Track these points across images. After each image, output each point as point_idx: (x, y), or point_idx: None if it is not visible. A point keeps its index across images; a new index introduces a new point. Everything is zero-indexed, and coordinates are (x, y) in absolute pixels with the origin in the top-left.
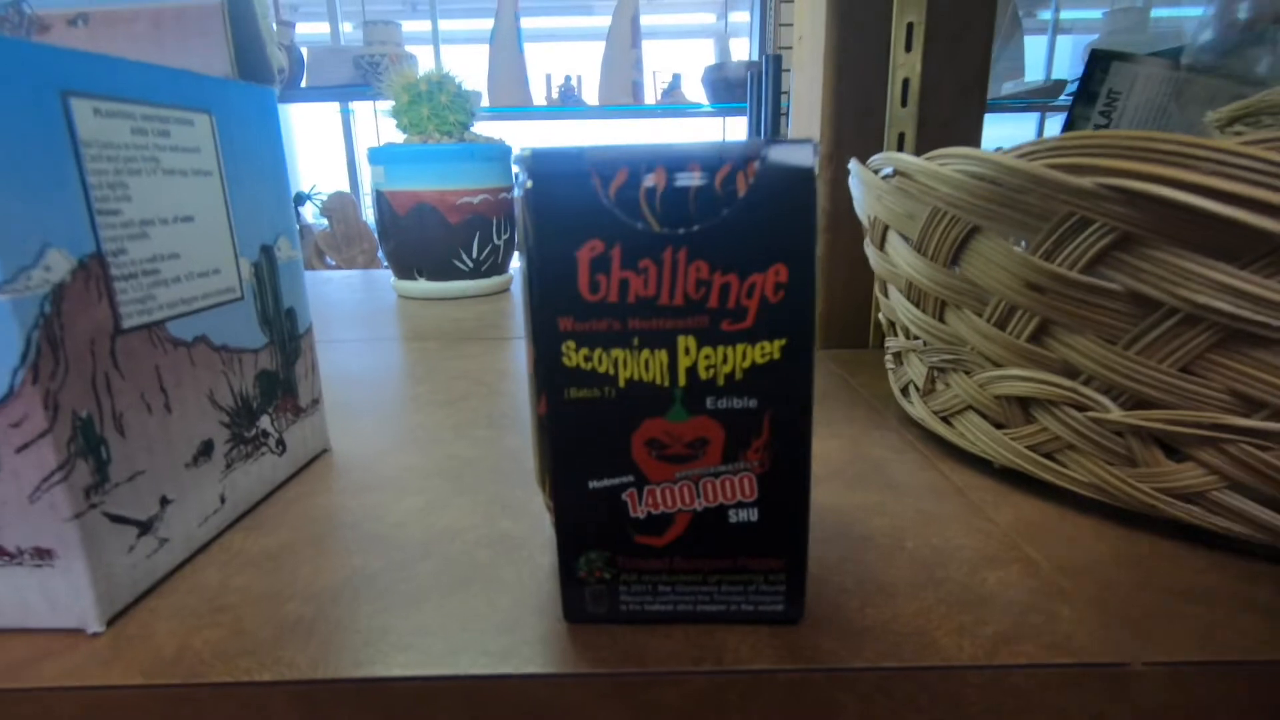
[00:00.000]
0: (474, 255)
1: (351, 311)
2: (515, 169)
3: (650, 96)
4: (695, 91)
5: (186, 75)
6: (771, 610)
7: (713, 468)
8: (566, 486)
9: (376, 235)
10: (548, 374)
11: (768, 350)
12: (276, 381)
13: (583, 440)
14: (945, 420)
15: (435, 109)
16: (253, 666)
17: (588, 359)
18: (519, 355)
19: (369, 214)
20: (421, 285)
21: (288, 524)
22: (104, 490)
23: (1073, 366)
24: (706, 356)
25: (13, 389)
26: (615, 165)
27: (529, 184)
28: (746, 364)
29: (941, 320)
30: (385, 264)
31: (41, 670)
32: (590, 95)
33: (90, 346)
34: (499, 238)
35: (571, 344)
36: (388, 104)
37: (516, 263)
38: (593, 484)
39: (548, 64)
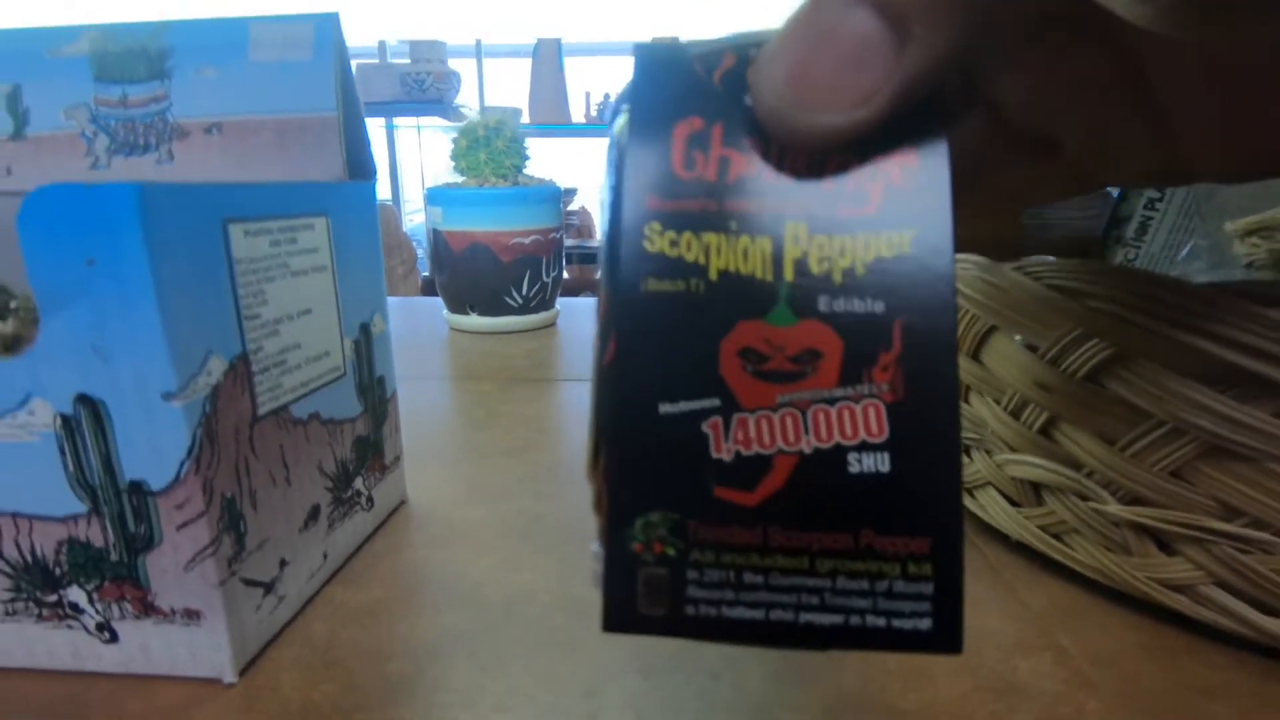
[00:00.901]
0: (524, 292)
1: (408, 345)
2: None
3: None
4: None
5: (311, 187)
6: (914, 629)
7: (826, 391)
8: (631, 412)
9: (432, 270)
10: (626, 264)
11: (895, 242)
12: (369, 445)
13: (659, 348)
14: (969, 492)
15: (492, 154)
16: None
17: (674, 244)
18: (569, 400)
19: (409, 220)
20: (474, 320)
21: (379, 579)
22: (241, 559)
23: (1077, 459)
24: (820, 246)
25: (179, 477)
26: (720, 53)
27: (631, 80)
28: (870, 257)
29: (967, 402)
30: (424, 273)
31: (193, 715)
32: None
33: (235, 435)
34: (547, 275)
35: (657, 225)
36: (430, 120)
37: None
38: (665, 408)
39: (587, 81)
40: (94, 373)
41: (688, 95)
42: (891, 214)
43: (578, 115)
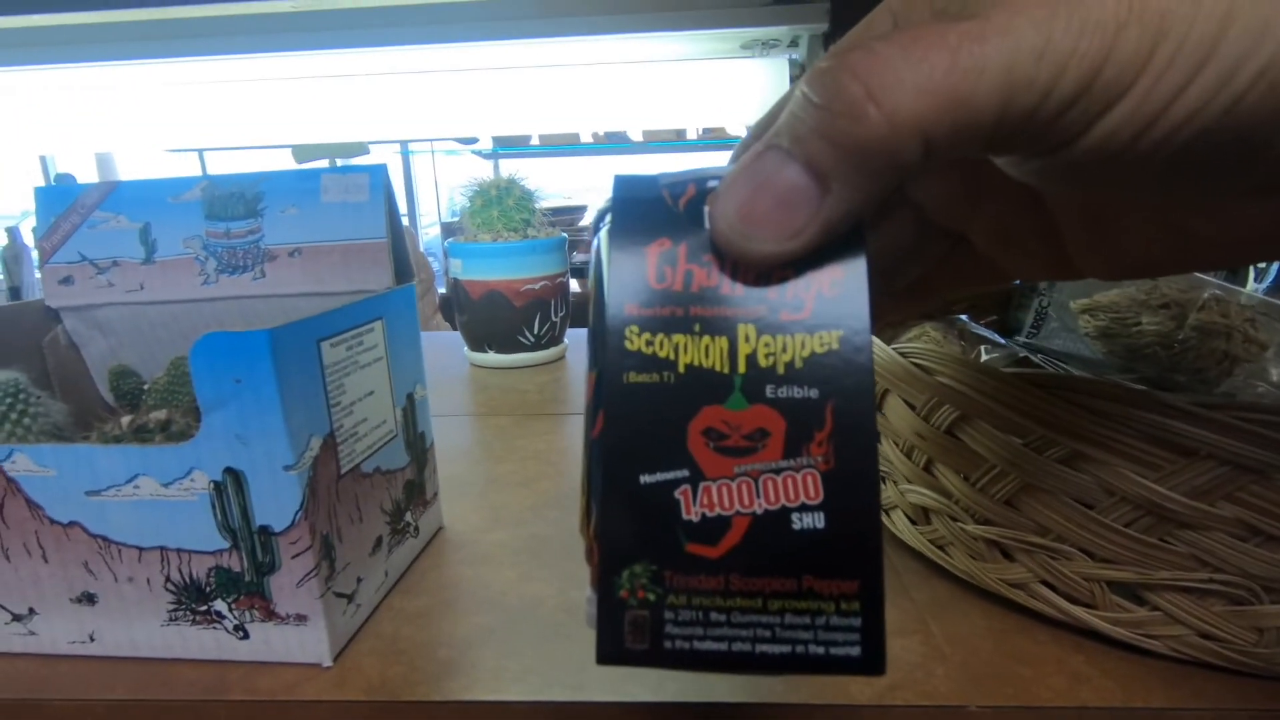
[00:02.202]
0: (535, 331)
1: (438, 383)
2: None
3: (692, 133)
4: (735, 128)
5: (370, 301)
6: (845, 655)
7: (773, 462)
8: (616, 482)
9: (454, 313)
10: (610, 359)
11: (826, 340)
12: (415, 486)
13: (638, 428)
14: (885, 513)
15: (503, 210)
16: (428, 691)
17: (649, 343)
18: (575, 432)
19: (425, 234)
20: (491, 356)
21: (426, 590)
22: (333, 578)
23: (948, 490)
24: (766, 344)
25: (293, 522)
26: (684, 183)
27: (611, 203)
28: (806, 353)
29: (878, 442)
30: (441, 289)
31: (306, 689)
32: (635, 132)
33: (327, 490)
34: (555, 315)
35: (635, 328)
36: (444, 144)
37: (570, 334)
38: (645, 478)
39: None
40: (237, 452)
41: (658, 219)
42: (823, 318)
43: (586, 136)
